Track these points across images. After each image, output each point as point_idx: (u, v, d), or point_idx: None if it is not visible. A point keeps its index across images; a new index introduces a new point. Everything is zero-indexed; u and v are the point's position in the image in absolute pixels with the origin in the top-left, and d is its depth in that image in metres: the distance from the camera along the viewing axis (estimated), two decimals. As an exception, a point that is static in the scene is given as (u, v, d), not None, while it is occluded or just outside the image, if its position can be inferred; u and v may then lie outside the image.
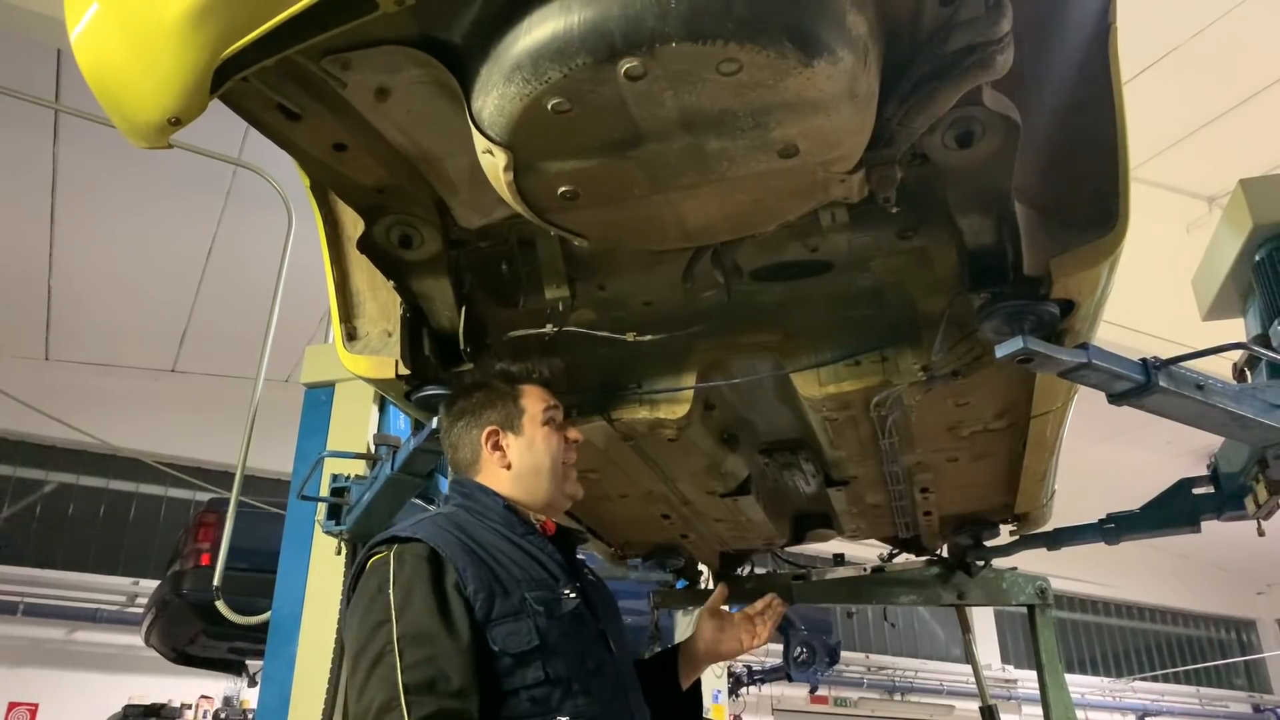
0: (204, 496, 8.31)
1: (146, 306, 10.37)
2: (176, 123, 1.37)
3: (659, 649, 2.61)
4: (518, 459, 1.97)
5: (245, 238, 8.86)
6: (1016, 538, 3.34)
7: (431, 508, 2.49)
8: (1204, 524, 2.89)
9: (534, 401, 2.00)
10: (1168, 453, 11.18)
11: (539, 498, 1.97)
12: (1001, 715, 3.76)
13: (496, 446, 1.99)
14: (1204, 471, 2.85)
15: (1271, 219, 2.38)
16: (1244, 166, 2.49)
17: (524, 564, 1.83)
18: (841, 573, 3.74)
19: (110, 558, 11.03)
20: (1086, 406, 2.80)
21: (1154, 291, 6.65)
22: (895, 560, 3.73)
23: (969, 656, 4.02)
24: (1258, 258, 2.42)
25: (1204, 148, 8.50)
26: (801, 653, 9.00)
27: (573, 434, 2.03)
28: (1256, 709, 19.05)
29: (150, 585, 8.57)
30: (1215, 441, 2.79)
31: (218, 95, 1.36)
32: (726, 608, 2.54)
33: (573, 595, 1.82)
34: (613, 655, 1.84)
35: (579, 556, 2.12)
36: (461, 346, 2.01)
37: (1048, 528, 3.30)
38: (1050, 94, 1.68)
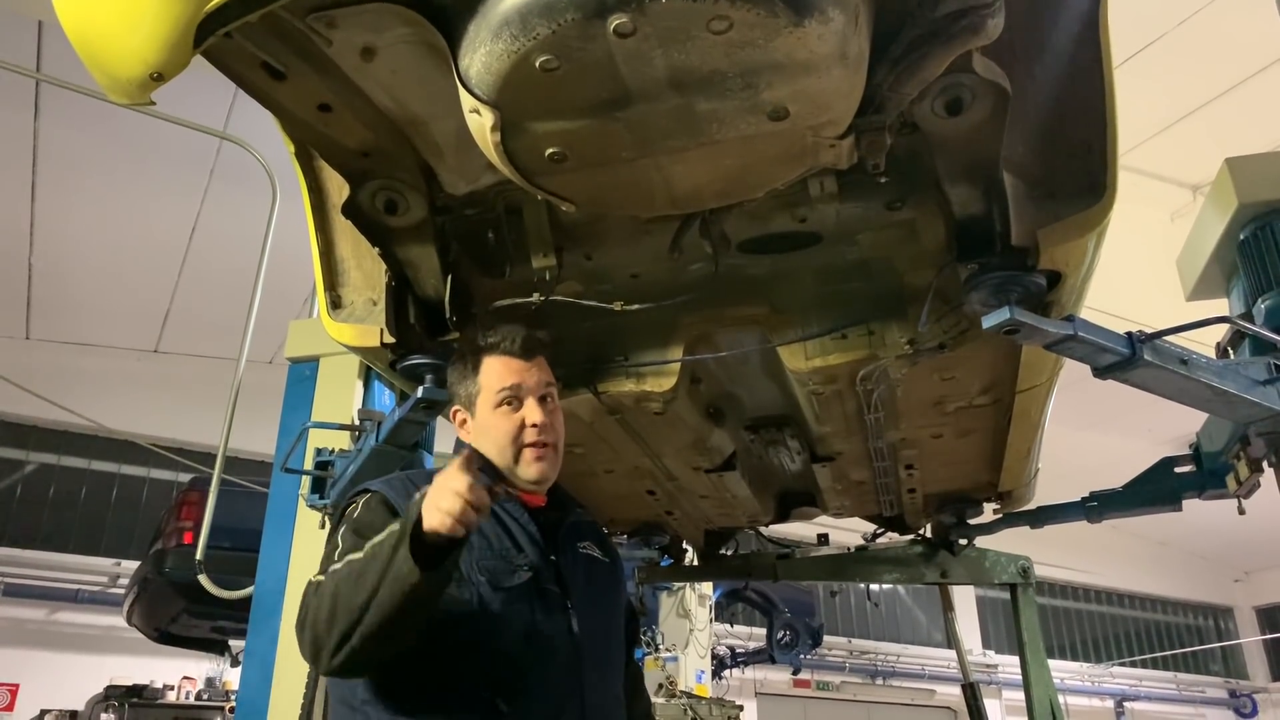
0: (186, 478, 8.26)
1: (129, 285, 10.28)
2: (159, 78, 1.35)
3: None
4: (474, 439, 1.90)
5: (229, 216, 8.77)
6: (1000, 516, 3.36)
7: None
8: (1184, 510, 2.92)
9: (491, 379, 1.86)
10: (1149, 440, 11.27)
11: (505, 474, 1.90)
12: (982, 699, 3.79)
13: (462, 424, 1.94)
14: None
15: (1256, 198, 2.39)
16: (1228, 154, 2.50)
17: (488, 531, 1.82)
18: (826, 551, 3.76)
19: (92, 538, 10.97)
20: (1068, 394, 2.82)
21: (1138, 279, 6.69)
22: (879, 539, 3.75)
23: (951, 635, 4.05)
24: (1242, 236, 2.43)
25: (1188, 136, 8.54)
26: (784, 635, 9.04)
27: (530, 417, 1.84)
28: (1232, 694, 19.31)
29: (132, 566, 8.53)
30: (1194, 431, 2.82)
31: (201, 51, 1.34)
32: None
33: (526, 568, 1.80)
34: (574, 634, 1.80)
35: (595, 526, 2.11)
36: (447, 315, 2.00)
37: (1030, 507, 3.33)
38: (1041, 64, 1.68)
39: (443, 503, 1.47)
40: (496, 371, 1.86)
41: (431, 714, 1.69)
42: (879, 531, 3.72)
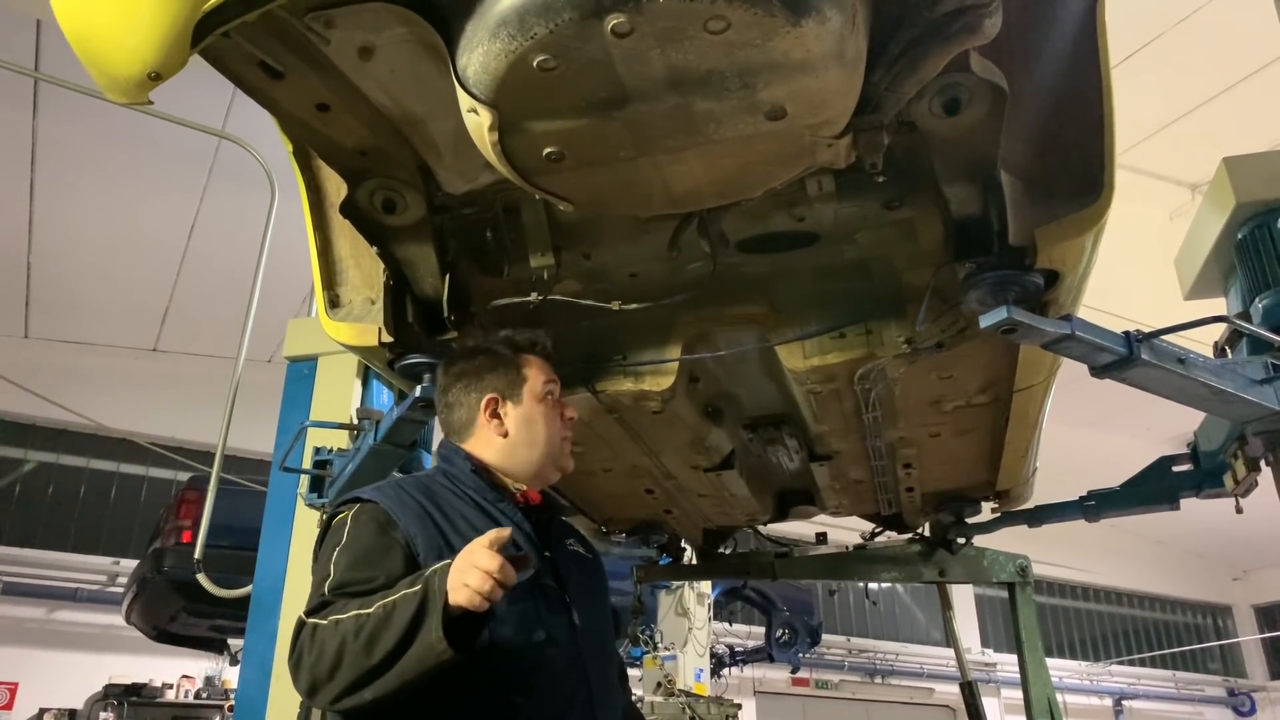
0: (185, 477, 8.26)
1: (128, 284, 10.28)
2: (156, 78, 1.35)
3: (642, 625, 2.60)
4: (514, 429, 1.95)
5: (228, 215, 8.77)
6: (998, 515, 3.36)
7: None
8: (1182, 509, 2.91)
9: (536, 374, 1.97)
10: (1147, 439, 11.29)
11: (527, 469, 1.95)
12: (980, 697, 3.79)
13: (495, 415, 1.96)
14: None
15: (1254, 197, 2.39)
16: (1226, 154, 2.50)
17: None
18: (824, 549, 3.76)
19: (91, 537, 10.98)
20: (1066, 393, 2.82)
21: (1136, 278, 6.69)
22: (878, 538, 3.75)
23: (949, 633, 4.06)
24: (1240, 236, 2.43)
25: (1187, 135, 8.54)
26: (783, 634, 9.06)
27: (569, 411, 2.01)
28: (1231, 693, 19.33)
29: (130, 565, 8.53)
30: (1192, 430, 2.82)
31: (198, 50, 1.34)
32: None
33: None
34: (575, 628, 1.83)
35: (573, 526, 2.12)
36: (445, 314, 2.00)
37: (1028, 505, 3.33)
38: (1038, 63, 1.68)
39: (471, 580, 1.49)
40: (542, 368, 2.00)
41: (447, 713, 1.69)
42: (877, 530, 3.71)
